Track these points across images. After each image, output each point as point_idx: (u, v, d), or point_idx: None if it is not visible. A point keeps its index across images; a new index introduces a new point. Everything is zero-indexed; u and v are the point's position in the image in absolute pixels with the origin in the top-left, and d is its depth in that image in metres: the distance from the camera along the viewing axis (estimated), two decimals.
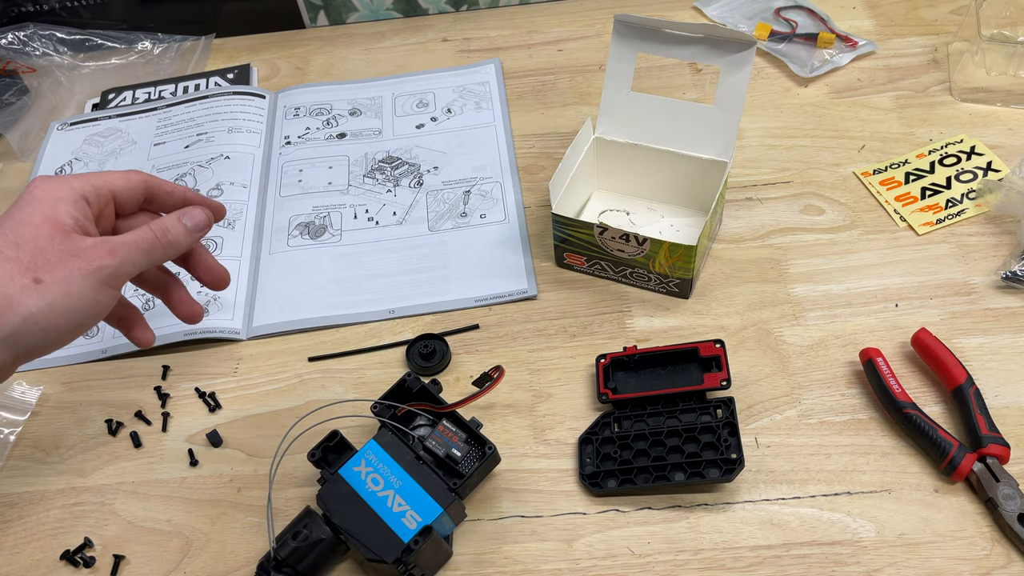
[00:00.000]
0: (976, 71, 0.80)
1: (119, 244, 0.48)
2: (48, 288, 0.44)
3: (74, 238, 0.47)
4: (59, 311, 0.44)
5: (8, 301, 0.44)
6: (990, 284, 0.68)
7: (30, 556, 0.61)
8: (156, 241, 0.50)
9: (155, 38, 1.02)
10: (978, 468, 0.56)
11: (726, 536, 0.57)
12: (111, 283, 0.47)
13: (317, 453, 0.56)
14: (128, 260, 0.48)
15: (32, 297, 0.44)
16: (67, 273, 0.45)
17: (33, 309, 0.44)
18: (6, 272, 0.44)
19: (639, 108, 0.72)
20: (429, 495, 0.53)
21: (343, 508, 0.53)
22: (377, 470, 0.55)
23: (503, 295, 0.72)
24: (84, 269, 0.46)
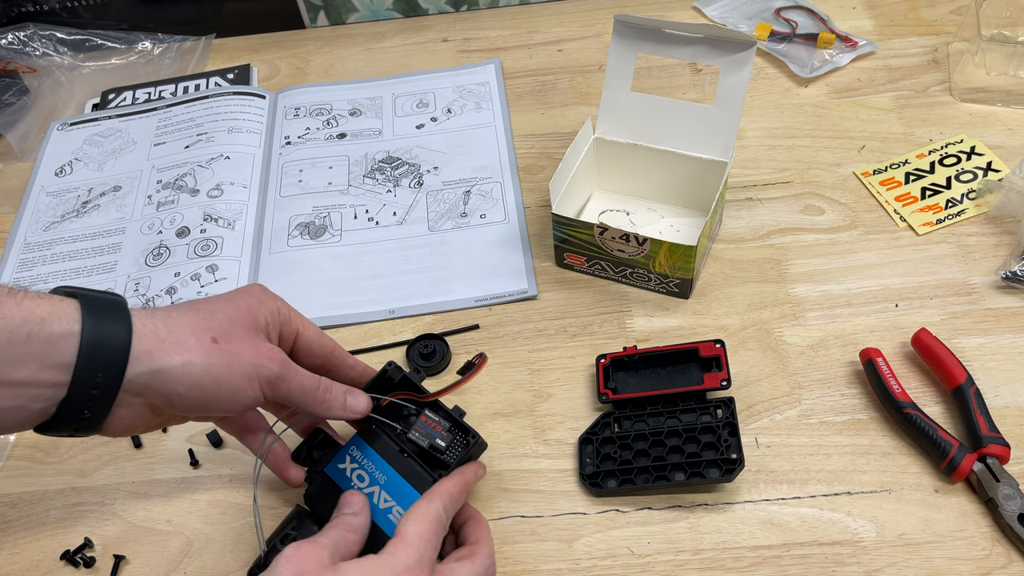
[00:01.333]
0: (976, 71, 0.80)
1: (291, 364, 0.50)
2: (218, 350, 0.46)
3: (260, 335, 0.49)
4: (215, 375, 0.46)
5: (179, 342, 0.45)
6: (990, 284, 0.68)
7: (30, 556, 0.61)
8: (315, 390, 0.51)
9: (155, 38, 1.02)
10: (978, 468, 0.56)
11: (726, 536, 0.57)
12: (264, 385, 0.48)
13: (302, 452, 0.56)
14: (289, 379, 0.49)
15: (201, 350, 0.45)
16: (239, 350, 0.47)
17: (196, 360, 0.45)
18: (190, 321, 0.46)
19: (639, 108, 0.72)
20: (414, 489, 0.53)
21: (329, 506, 0.53)
22: (362, 466, 0.54)
23: (503, 295, 0.72)
24: (253, 357, 0.47)
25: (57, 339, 0.42)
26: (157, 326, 0.45)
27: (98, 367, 0.42)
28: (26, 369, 0.41)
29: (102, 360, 0.43)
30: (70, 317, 0.43)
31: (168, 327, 0.45)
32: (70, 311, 0.43)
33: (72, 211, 0.84)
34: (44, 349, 0.42)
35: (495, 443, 0.63)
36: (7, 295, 0.42)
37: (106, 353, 0.43)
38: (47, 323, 0.42)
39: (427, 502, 0.50)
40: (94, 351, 0.42)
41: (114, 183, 0.86)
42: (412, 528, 0.48)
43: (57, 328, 0.42)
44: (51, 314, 0.42)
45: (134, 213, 0.83)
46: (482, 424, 0.64)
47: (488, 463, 0.62)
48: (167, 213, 0.81)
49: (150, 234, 0.80)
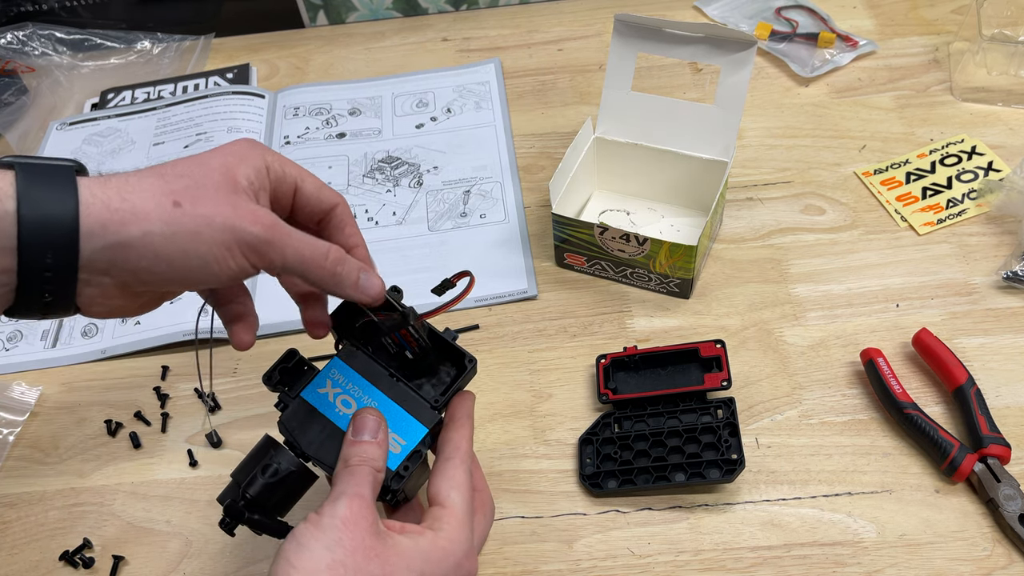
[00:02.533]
0: (977, 71, 0.80)
1: (282, 227, 0.42)
2: (182, 215, 0.39)
3: (240, 196, 0.42)
4: (179, 245, 0.39)
5: (135, 210, 0.39)
6: (991, 284, 0.68)
7: (29, 557, 0.60)
8: (322, 259, 0.44)
9: (154, 38, 1.01)
10: (979, 468, 0.56)
11: (727, 537, 0.56)
12: (247, 253, 0.41)
13: (275, 376, 0.50)
14: (281, 244, 0.42)
15: (161, 218, 0.39)
16: (209, 212, 0.40)
17: (155, 230, 0.39)
18: (150, 186, 0.40)
19: (639, 108, 0.72)
20: (411, 416, 0.49)
21: (313, 435, 0.48)
22: (347, 391, 0.49)
23: (503, 295, 0.72)
24: (229, 220, 0.40)
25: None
26: (109, 195, 0.39)
27: (45, 247, 0.37)
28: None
29: (47, 240, 0.37)
30: (3, 193, 0.37)
31: (122, 195, 0.39)
32: (3, 186, 0.37)
33: None
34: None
35: (495, 443, 0.63)
36: None
37: (51, 231, 0.37)
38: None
39: (461, 465, 0.47)
40: (36, 230, 0.37)
41: None
42: (458, 498, 0.46)
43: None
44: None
45: None
46: (482, 424, 0.64)
47: (488, 463, 0.62)
48: None
49: None
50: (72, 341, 0.74)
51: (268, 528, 0.46)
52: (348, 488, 0.43)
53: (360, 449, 0.45)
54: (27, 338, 0.74)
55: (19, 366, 0.72)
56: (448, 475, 0.47)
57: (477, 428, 0.63)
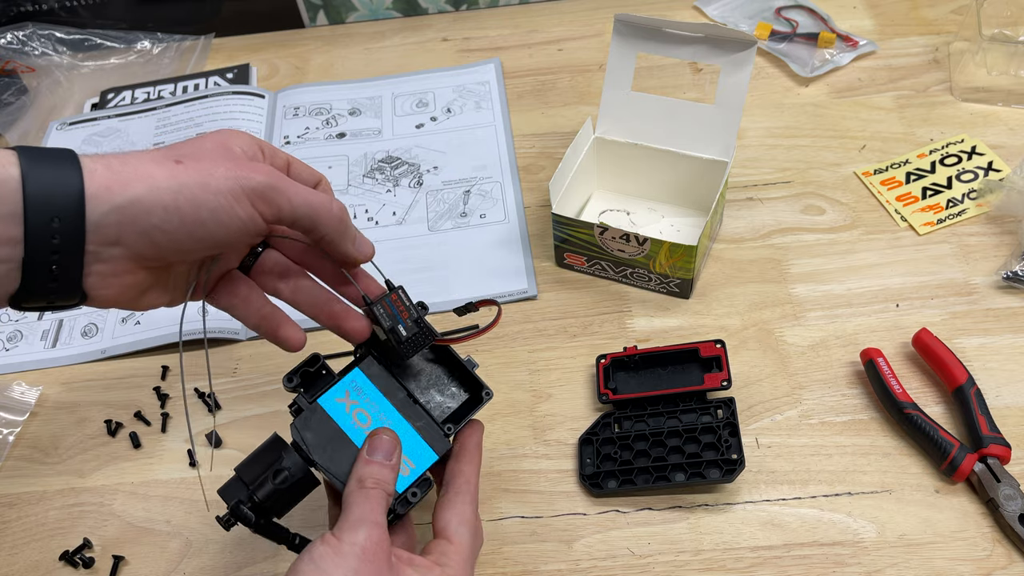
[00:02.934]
0: (977, 71, 0.80)
1: (285, 176, 0.43)
2: (185, 170, 0.40)
3: (237, 156, 0.43)
4: (188, 196, 0.39)
5: (137, 171, 0.39)
6: (991, 284, 0.68)
7: (29, 557, 0.60)
8: (331, 204, 0.44)
9: (154, 38, 1.01)
10: (979, 468, 0.56)
11: (727, 537, 0.56)
12: (256, 200, 0.41)
13: (295, 379, 0.49)
14: (287, 190, 0.42)
15: (165, 172, 0.39)
16: (211, 165, 0.40)
17: (162, 185, 0.39)
18: (149, 153, 0.41)
19: (639, 108, 0.72)
20: (424, 440, 0.48)
21: (325, 444, 0.47)
22: (364, 405, 0.49)
23: (503, 295, 0.72)
24: (231, 170, 0.41)
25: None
26: (109, 161, 0.39)
27: (51, 212, 0.37)
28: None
29: (54, 203, 0.37)
30: (5, 162, 0.37)
31: (122, 160, 0.40)
32: (4, 157, 0.38)
33: None
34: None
35: (495, 443, 0.63)
36: None
37: (56, 194, 0.37)
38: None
39: (472, 503, 0.48)
40: (42, 195, 0.37)
41: None
42: (466, 534, 0.47)
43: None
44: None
45: None
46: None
47: (488, 463, 0.62)
48: None
49: None
50: (72, 341, 0.74)
51: (273, 535, 0.46)
52: (367, 515, 0.43)
53: (375, 470, 0.45)
54: (27, 338, 0.74)
55: (19, 366, 0.72)
56: (458, 510, 0.48)
57: None
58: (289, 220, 0.44)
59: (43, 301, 0.39)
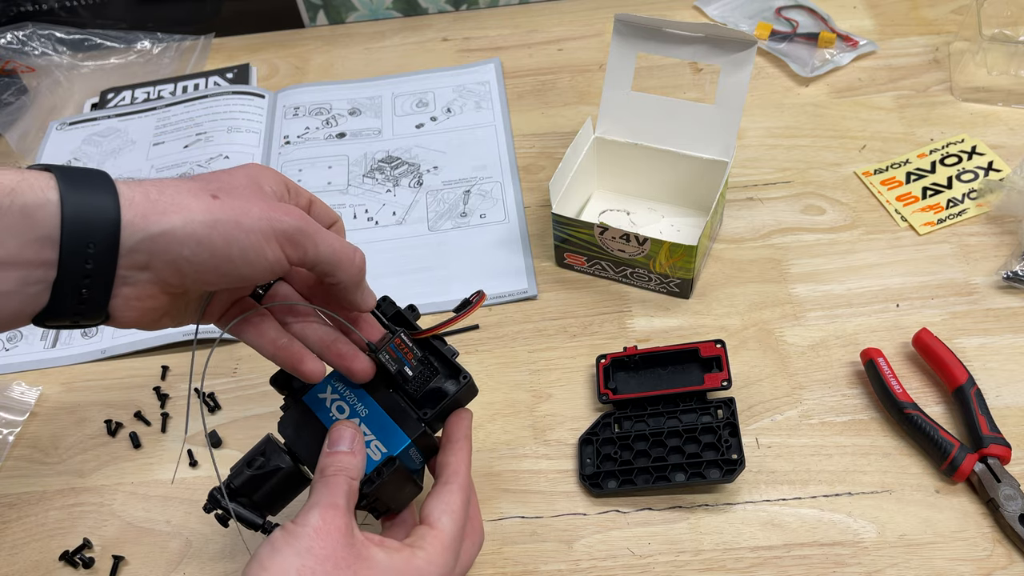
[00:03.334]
0: (977, 71, 0.80)
1: (313, 221, 0.44)
2: (222, 206, 0.41)
3: (268, 196, 0.44)
4: (222, 232, 0.40)
5: (174, 201, 0.40)
6: (991, 284, 0.68)
7: (29, 557, 0.60)
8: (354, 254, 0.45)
9: (154, 38, 1.01)
10: (979, 468, 0.56)
11: (727, 537, 0.56)
12: (284, 243, 0.42)
13: (280, 377, 0.52)
14: (314, 235, 0.43)
15: (201, 205, 0.40)
16: (246, 204, 0.41)
17: (197, 218, 0.40)
18: (185, 184, 0.41)
19: (639, 108, 0.72)
20: (397, 425, 0.49)
21: (304, 436, 0.49)
22: (343, 398, 0.50)
23: (503, 295, 0.72)
24: (265, 211, 0.42)
25: (33, 209, 0.37)
26: (147, 189, 0.40)
27: (87, 238, 0.38)
28: (4, 247, 0.37)
29: (90, 229, 0.38)
30: (44, 185, 0.38)
31: (159, 189, 0.40)
32: (43, 180, 0.38)
33: None
34: (21, 223, 0.37)
35: (495, 443, 0.63)
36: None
37: (94, 221, 0.38)
38: (18, 193, 0.37)
39: (459, 492, 0.48)
40: (79, 220, 0.38)
41: None
42: (448, 523, 0.46)
43: (31, 198, 0.37)
44: (20, 183, 0.37)
45: None
46: (482, 424, 0.64)
47: (488, 463, 0.62)
48: None
49: None
50: (72, 341, 0.74)
51: (243, 518, 0.47)
52: (322, 498, 0.44)
53: (335, 459, 0.46)
54: (27, 338, 0.74)
55: (19, 366, 0.72)
56: (443, 499, 0.47)
57: (477, 428, 0.63)
58: (311, 264, 0.44)
59: (68, 321, 0.40)
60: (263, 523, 0.47)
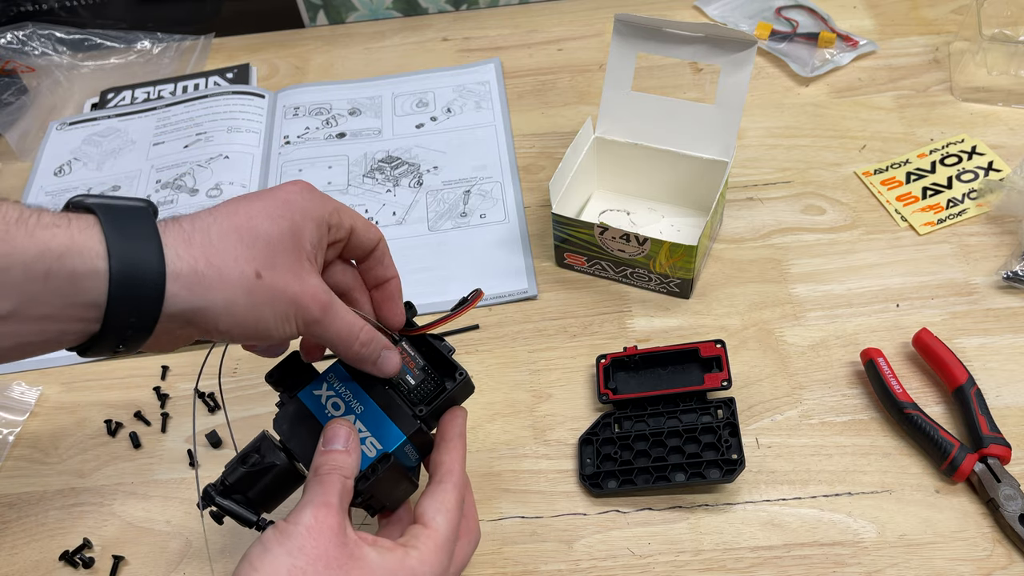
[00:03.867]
0: (977, 71, 0.80)
1: (332, 308, 0.45)
2: (262, 287, 0.42)
3: (304, 265, 0.44)
4: (256, 313, 0.42)
5: (221, 277, 0.40)
6: (991, 284, 0.68)
7: (29, 557, 0.60)
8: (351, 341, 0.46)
9: (154, 37, 1.01)
10: (979, 468, 0.56)
11: (727, 537, 0.56)
12: (300, 325, 0.44)
13: (275, 374, 0.52)
14: (327, 325, 0.45)
15: (244, 286, 0.41)
16: (283, 286, 0.43)
17: (239, 299, 0.41)
18: (233, 250, 0.41)
19: (639, 108, 0.72)
20: (392, 422, 0.49)
21: (299, 433, 0.49)
22: (339, 394, 0.50)
23: (503, 295, 0.72)
24: (296, 296, 0.43)
25: (81, 277, 0.37)
26: (195, 257, 0.40)
27: (133, 309, 0.38)
28: (49, 306, 0.37)
29: (136, 302, 0.38)
30: (93, 252, 0.38)
31: (208, 258, 0.40)
32: (92, 243, 0.38)
33: None
34: (67, 287, 0.37)
35: (495, 443, 0.63)
36: (16, 223, 0.37)
37: (140, 294, 0.38)
38: (67, 259, 0.37)
39: (453, 491, 0.48)
40: (126, 294, 0.38)
41: (113, 183, 0.86)
42: (443, 522, 0.46)
43: (80, 265, 0.37)
44: (70, 248, 0.37)
45: None
46: (482, 424, 0.64)
47: (488, 463, 0.62)
48: (166, 213, 0.81)
49: None
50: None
51: (236, 516, 0.47)
52: (315, 496, 0.44)
53: (329, 458, 0.46)
54: None
55: (19, 366, 0.72)
56: (438, 499, 0.47)
57: (477, 428, 0.63)
58: (315, 340, 0.47)
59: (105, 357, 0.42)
60: (257, 520, 0.47)
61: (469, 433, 0.63)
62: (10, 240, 0.36)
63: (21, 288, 0.37)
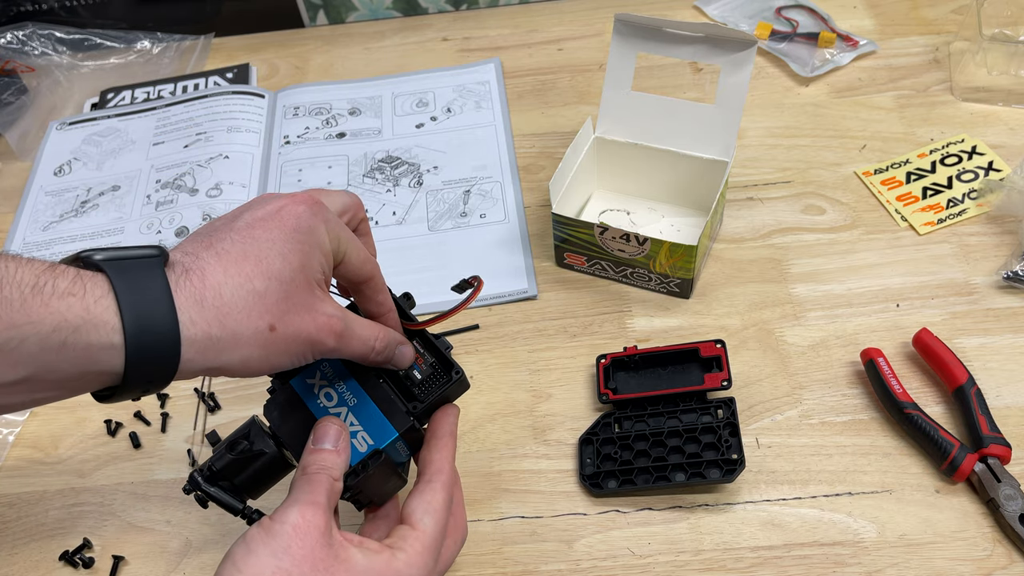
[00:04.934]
0: (977, 71, 0.80)
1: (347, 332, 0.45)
2: (276, 339, 0.42)
3: (316, 293, 0.44)
4: (271, 363, 0.43)
5: (235, 335, 0.40)
6: (991, 284, 0.68)
7: (29, 557, 0.60)
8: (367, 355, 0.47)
9: (154, 37, 1.01)
10: (979, 468, 0.56)
11: (727, 537, 0.56)
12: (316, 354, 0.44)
13: None
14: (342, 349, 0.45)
15: (259, 343, 0.41)
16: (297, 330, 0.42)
17: (254, 355, 0.41)
18: (246, 305, 0.41)
19: (639, 108, 0.72)
20: (385, 417, 0.49)
21: (289, 421, 0.49)
22: (332, 385, 0.49)
23: (503, 295, 0.72)
24: (311, 335, 0.43)
25: (97, 351, 0.38)
26: (208, 321, 0.40)
27: (146, 375, 0.39)
28: (65, 374, 0.38)
29: (150, 370, 0.39)
30: (109, 326, 0.38)
31: (221, 320, 0.40)
32: (107, 316, 0.38)
33: (71, 211, 0.84)
34: (83, 358, 0.38)
35: (495, 443, 0.63)
36: (32, 292, 0.37)
37: (154, 362, 0.39)
38: (82, 332, 0.37)
39: (441, 491, 0.48)
40: (140, 362, 0.39)
41: (113, 183, 0.86)
42: (430, 523, 0.46)
43: (95, 339, 0.38)
44: (86, 321, 0.37)
45: (133, 213, 0.82)
46: (482, 424, 0.64)
47: (488, 463, 0.62)
48: (166, 213, 0.81)
49: (149, 234, 0.80)
50: None
51: (222, 502, 0.47)
52: (303, 495, 0.43)
53: (319, 457, 0.46)
54: None
55: None
56: (426, 498, 0.47)
57: (477, 428, 0.63)
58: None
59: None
60: (243, 508, 0.46)
61: (469, 433, 0.63)
62: (26, 311, 0.36)
63: (37, 358, 0.37)
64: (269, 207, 0.44)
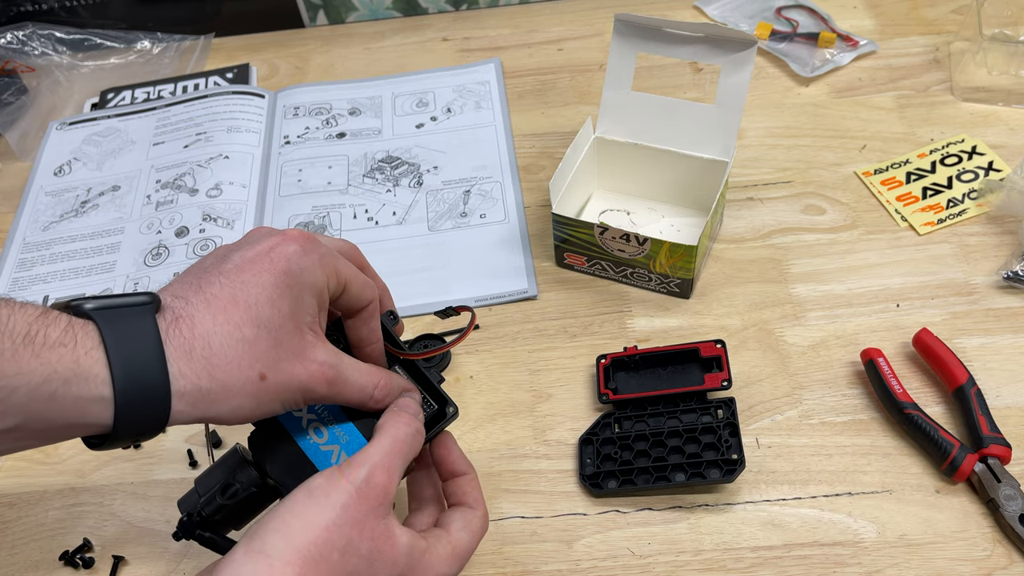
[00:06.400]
0: (977, 71, 0.80)
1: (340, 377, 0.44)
2: (267, 388, 0.41)
3: (307, 339, 0.43)
4: (263, 411, 0.42)
5: (225, 387, 0.40)
6: (991, 284, 0.68)
7: (29, 557, 0.60)
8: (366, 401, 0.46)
9: (154, 37, 1.01)
10: (979, 469, 0.56)
11: (727, 537, 0.56)
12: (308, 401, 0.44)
13: None
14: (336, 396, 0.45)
15: (250, 392, 0.41)
16: (288, 378, 0.42)
17: (245, 405, 0.41)
18: (236, 356, 0.40)
19: (639, 108, 0.72)
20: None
21: (279, 458, 0.47)
22: (321, 419, 0.48)
23: (503, 295, 0.72)
24: (303, 383, 0.43)
25: (86, 402, 0.38)
26: (198, 374, 0.40)
27: (135, 427, 0.39)
28: (53, 424, 0.38)
29: (139, 422, 0.39)
30: (99, 379, 0.38)
31: (211, 372, 0.40)
32: (97, 368, 0.38)
33: (71, 211, 0.84)
34: (72, 408, 0.38)
35: (495, 443, 0.63)
36: (23, 342, 0.37)
37: (144, 415, 0.39)
38: (72, 384, 0.37)
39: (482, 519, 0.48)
40: (129, 415, 0.39)
41: (113, 183, 0.86)
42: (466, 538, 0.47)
43: (85, 392, 0.38)
44: (76, 374, 0.37)
45: (133, 213, 0.82)
46: (482, 424, 0.64)
47: (488, 463, 0.62)
48: (166, 213, 0.81)
49: (149, 234, 0.80)
50: None
51: (218, 548, 0.46)
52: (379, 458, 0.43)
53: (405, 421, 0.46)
54: None
55: None
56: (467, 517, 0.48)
57: (477, 428, 0.63)
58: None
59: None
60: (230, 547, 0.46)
61: (469, 433, 0.63)
62: (17, 362, 0.36)
63: (26, 408, 0.37)
64: (260, 247, 0.43)
